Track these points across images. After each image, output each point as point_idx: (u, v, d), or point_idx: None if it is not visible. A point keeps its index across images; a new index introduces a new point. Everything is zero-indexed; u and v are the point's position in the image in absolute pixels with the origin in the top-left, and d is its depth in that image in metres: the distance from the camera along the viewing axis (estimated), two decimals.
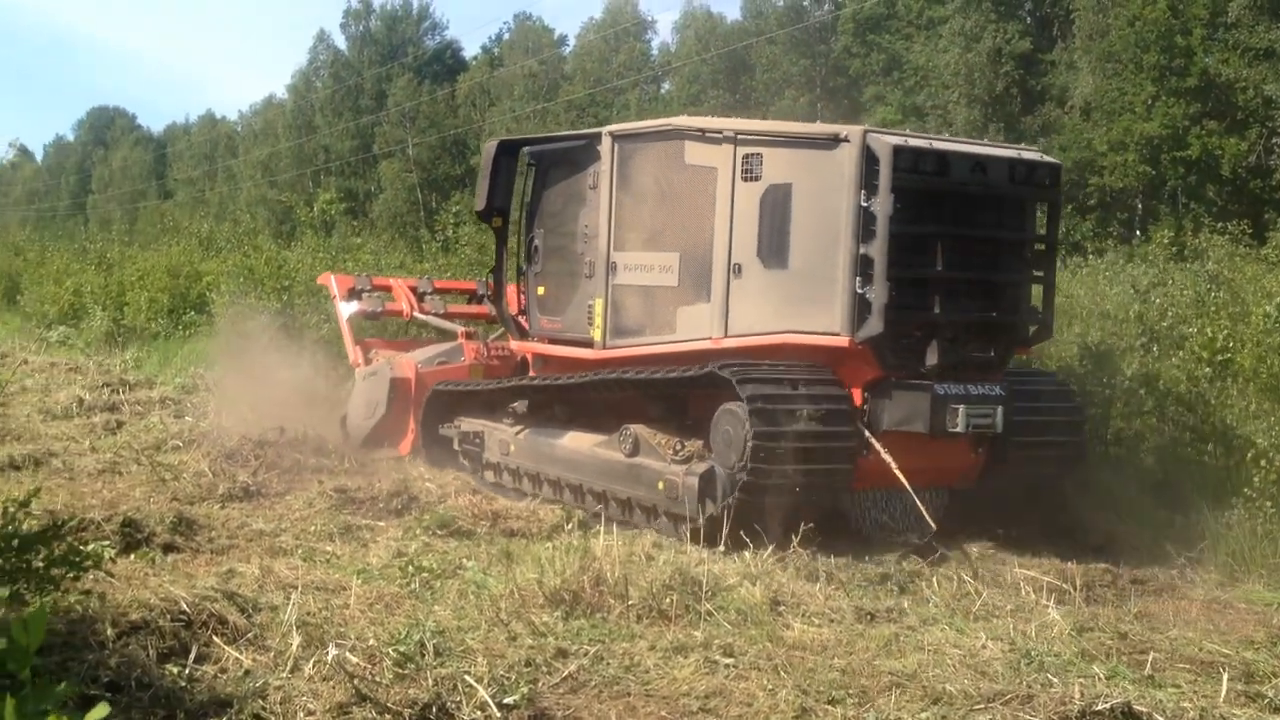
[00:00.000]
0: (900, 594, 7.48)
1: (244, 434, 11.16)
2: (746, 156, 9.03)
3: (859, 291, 8.34)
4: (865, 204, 8.31)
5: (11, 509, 4.42)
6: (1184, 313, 11.27)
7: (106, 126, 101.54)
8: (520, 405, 11.15)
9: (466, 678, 5.13)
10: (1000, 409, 8.68)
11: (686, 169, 9.56)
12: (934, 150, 8.67)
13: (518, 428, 10.86)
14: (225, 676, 5.10)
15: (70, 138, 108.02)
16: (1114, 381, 10.40)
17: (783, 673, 5.62)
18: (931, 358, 8.55)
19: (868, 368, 8.58)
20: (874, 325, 8.28)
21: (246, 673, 5.13)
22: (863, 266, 8.34)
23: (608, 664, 5.67)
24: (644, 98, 56.75)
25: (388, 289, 14.03)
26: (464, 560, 7.66)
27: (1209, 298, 11.25)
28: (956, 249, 8.72)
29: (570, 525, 8.77)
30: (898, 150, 8.30)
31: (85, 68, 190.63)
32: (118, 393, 15.14)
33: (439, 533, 8.46)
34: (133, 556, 6.97)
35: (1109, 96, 35.24)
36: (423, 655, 5.38)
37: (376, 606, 6.40)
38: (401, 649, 5.37)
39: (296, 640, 5.38)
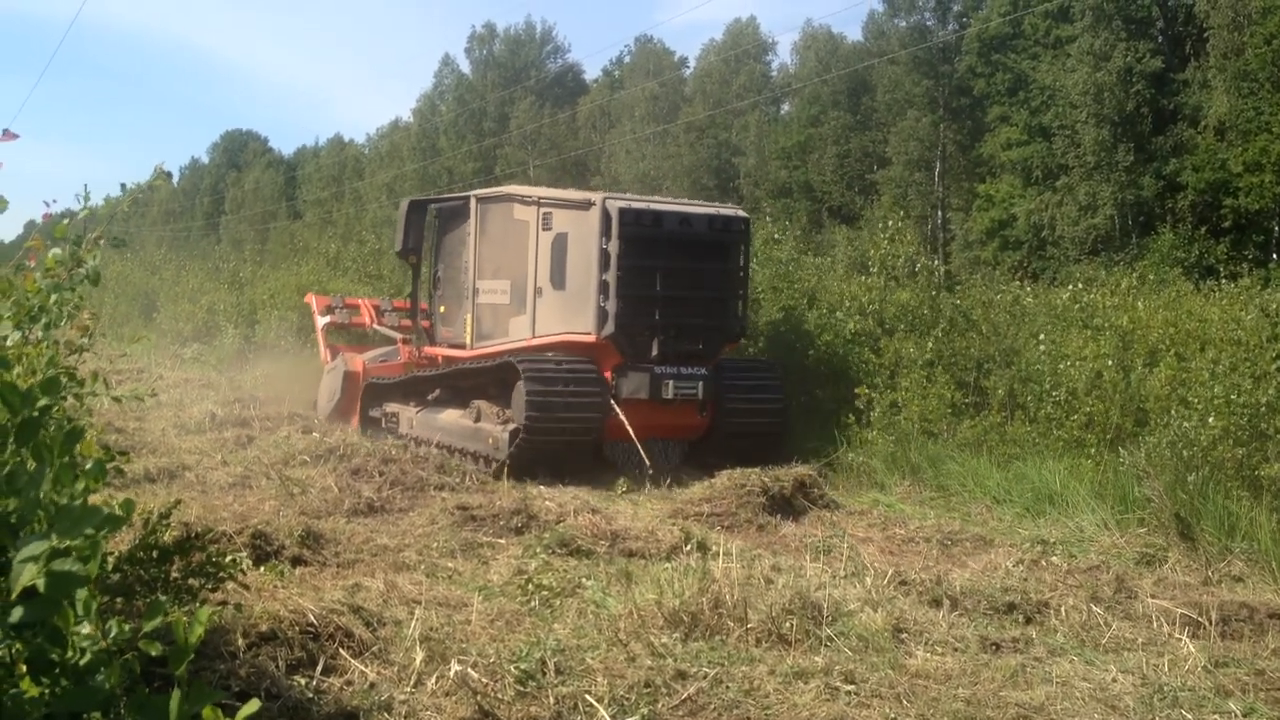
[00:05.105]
0: (1026, 623, 7.28)
1: (369, 450, 11.44)
2: (545, 214, 13.15)
3: (602, 305, 12.25)
4: (605, 246, 12.22)
5: (153, 521, 4.55)
6: None
7: (240, 149, 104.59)
8: (433, 395, 14.68)
9: (587, 697, 5.16)
10: (702, 384, 12.62)
11: (514, 222, 13.68)
12: (651, 210, 12.51)
13: (417, 408, 14.61)
14: (351, 689, 5.19)
15: (205, 160, 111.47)
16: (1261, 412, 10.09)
17: (905, 702, 5.53)
18: (654, 349, 12.47)
19: (613, 356, 12.43)
20: (610, 327, 12.25)
21: (372, 686, 5.21)
22: (604, 288, 12.25)
23: (727, 687, 5.62)
24: (764, 119, 56.62)
25: (356, 307, 17.73)
26: (583, 579, 7.69)
27: None
28: (672, 276, 12.60)
29: (689, 546, 8.75)
30: (623, 210, 12.23)
31: (220, 91, 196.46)
32: (248, 408, 15.57)
33: (558, 551, 8.50)
34: (262, 569, 7.12)
35: (1244, 116, 34.30)
36: (543, 673, 5.42)
37: (497, 623, 6.47)
38: (523, 666, 5.42)
39: (420, 655, 5.46)
